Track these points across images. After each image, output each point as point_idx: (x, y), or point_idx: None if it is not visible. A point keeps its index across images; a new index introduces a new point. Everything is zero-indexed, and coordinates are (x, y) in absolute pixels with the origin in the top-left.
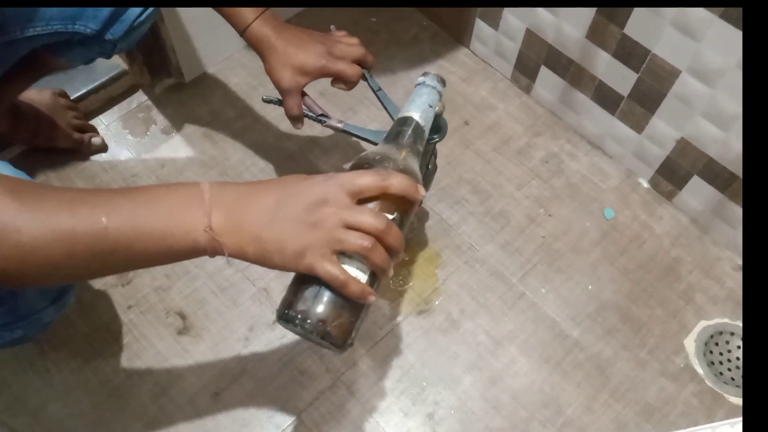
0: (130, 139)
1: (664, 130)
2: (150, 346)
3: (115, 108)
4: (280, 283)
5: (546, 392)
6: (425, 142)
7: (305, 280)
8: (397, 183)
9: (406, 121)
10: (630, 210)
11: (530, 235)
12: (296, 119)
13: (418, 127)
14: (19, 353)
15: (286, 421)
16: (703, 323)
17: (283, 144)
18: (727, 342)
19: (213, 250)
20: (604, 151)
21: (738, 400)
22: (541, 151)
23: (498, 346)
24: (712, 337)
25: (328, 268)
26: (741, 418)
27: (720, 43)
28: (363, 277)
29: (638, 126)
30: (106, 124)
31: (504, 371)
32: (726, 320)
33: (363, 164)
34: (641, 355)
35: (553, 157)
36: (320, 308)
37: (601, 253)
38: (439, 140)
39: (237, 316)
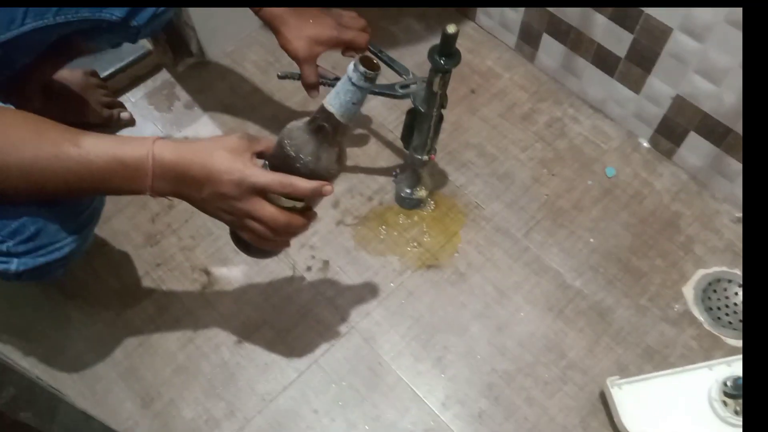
0: (156, 114)
1: (661, 88)
2: (177, 300)
3: (141, 86)
4: (298, 238)
5: (550, 337)
6: (344, 129)
7: None
8: (301, 189)
9: (328, 117)
10: (631, 168)
11: (534, 193)
12: (313, 87)
13: (339, 124)
14: (56, 307)
15: (305, 365)
16: (701, 271)
17: (299, 115)
18: (725, 289)
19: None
20: (605, 114)
21: (736, 342)
22: (545, 115)
23: (504, 296)
24: (710, 284)
25: (244, 235)
26: (738, 357)
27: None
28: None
29: (636, 86)
30: (133, 101)
31: (510, 319)
32: (724, 269)
33: (282, 154)
34: (642, 303)
35: (556, 121)
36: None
37: (602, 209)
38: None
39: (257, 272)
